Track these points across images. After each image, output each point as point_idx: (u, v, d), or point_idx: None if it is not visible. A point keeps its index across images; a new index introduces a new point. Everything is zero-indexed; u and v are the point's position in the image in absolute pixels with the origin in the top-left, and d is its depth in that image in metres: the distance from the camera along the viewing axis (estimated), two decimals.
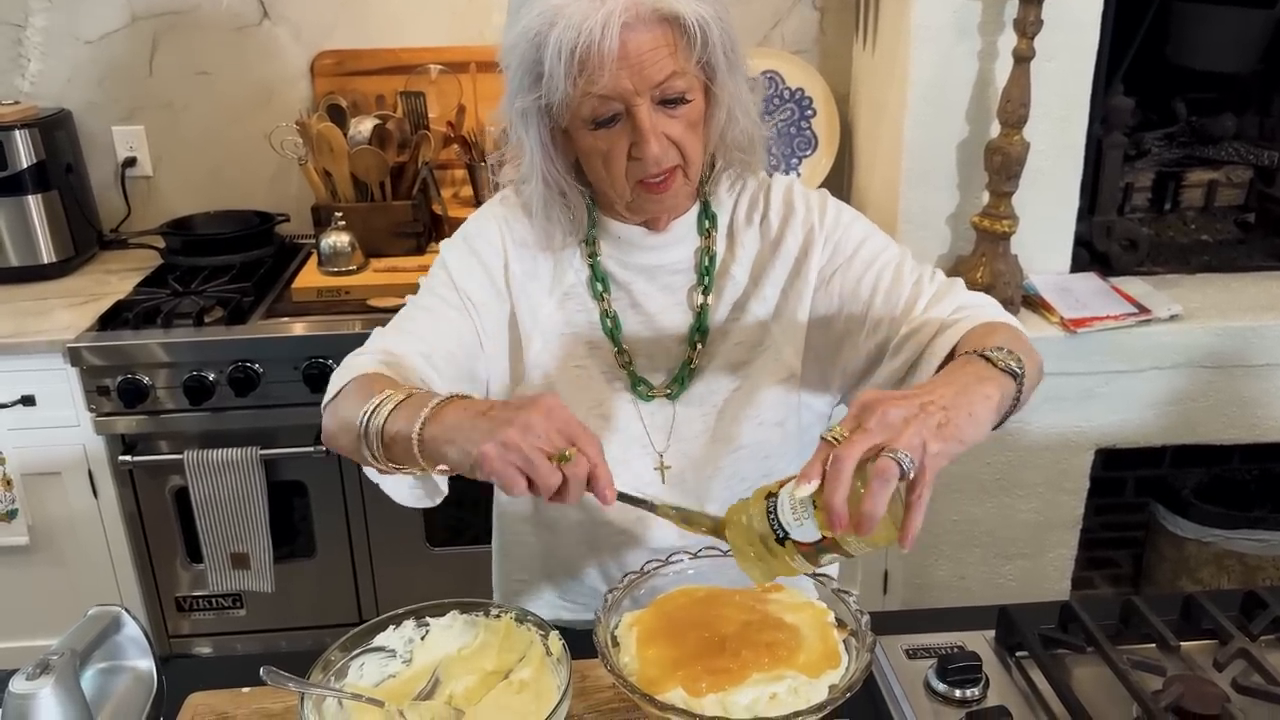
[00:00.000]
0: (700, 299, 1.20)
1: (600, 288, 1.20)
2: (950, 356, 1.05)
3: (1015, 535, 2.28)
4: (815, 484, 0.83)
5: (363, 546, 2.20)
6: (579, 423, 0.89)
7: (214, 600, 2.21)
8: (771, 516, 0.87)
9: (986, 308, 1.14)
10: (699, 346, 1.20)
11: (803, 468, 0.85)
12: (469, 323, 1.18)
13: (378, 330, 1.18)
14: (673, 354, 1.21)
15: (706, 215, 1.21)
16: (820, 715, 0.85)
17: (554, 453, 0.86)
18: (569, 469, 0.86)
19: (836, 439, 0.84)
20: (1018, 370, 0.96)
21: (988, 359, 0.96)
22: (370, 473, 1.06)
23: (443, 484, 1.08)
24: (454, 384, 1.12)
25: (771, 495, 0.88)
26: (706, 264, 1.20)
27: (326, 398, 1.07)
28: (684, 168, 1.09)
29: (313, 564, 2.21)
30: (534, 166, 1.12)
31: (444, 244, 1.24)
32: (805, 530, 0.85)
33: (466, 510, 2.10)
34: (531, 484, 0.86)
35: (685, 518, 0.95)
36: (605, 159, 1.08)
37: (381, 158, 2.25)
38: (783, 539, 0.86)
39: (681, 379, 1.20)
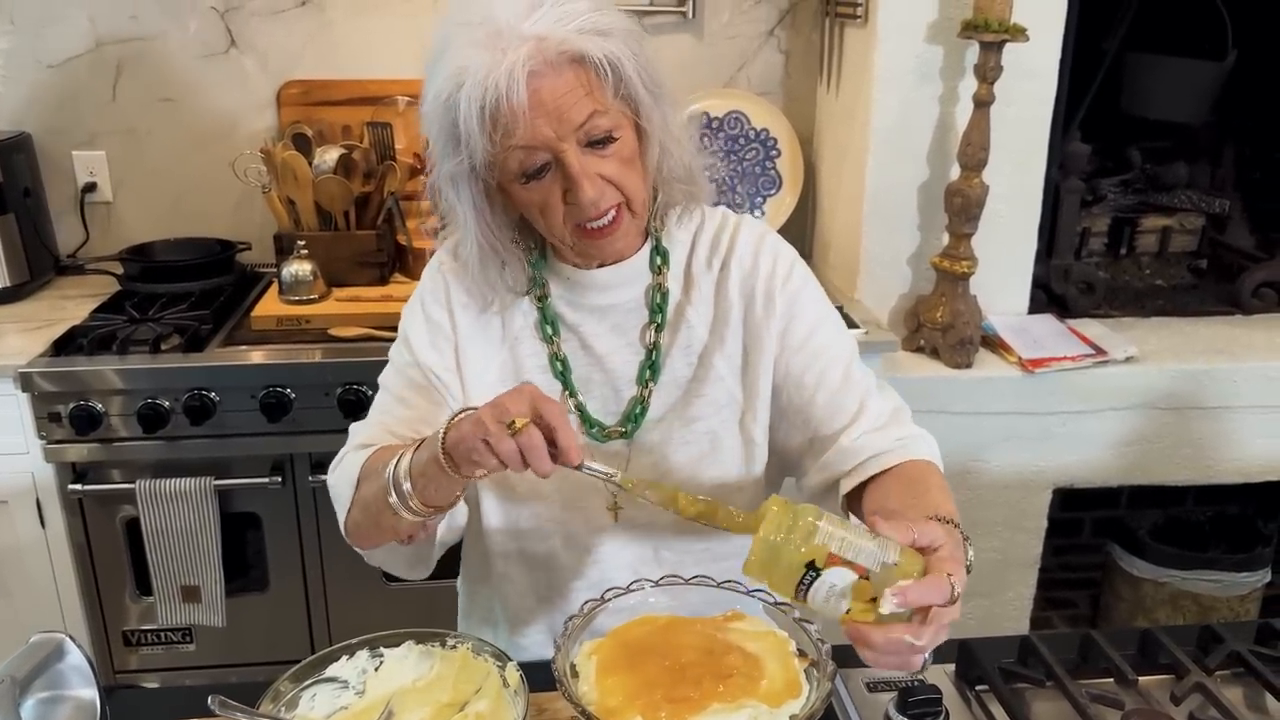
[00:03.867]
0: (652, 336, 1.19)
1: (550, 330, 1.19)
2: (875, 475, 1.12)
3: (974, 574, 2.24)
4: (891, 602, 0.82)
5: (317, 581, 2.16)
6: (544, 396, 0.93)
7: (163, 634, 2.15)
8: (802, 590, 0.85)
9: (921, 441, 1.15)
10: (650, 386, 1.19)
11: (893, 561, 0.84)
12: (438, 397, 1.19)
13: (355, 426, 1.21)
14: (623, 395, 1.20)
15: (658, 252, 1.20)
16: None
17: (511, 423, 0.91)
18: (521, 437, 0.90)
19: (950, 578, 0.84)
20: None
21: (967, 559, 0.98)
22: (372, 554, 1.16)
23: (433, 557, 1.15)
24: None
25: (813, 569, 0.84)
26: (659, 301, 1.19)
27: (342, 512, 1.13)
28: (627, 204, 1.08)
29: (265, 598, 2.16)
30: (469, 231, 1.11)
31: (406, 308, 1.24)
32: (832, 608, 0.85)
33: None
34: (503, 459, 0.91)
35: (666, 497, 0.96)
36: (542, 210, 1.07)
37: (346, 187, 2.24)
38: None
39: (635, 417, 1.19)
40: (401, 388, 1.20)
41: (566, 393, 1.19)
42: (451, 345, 1.19)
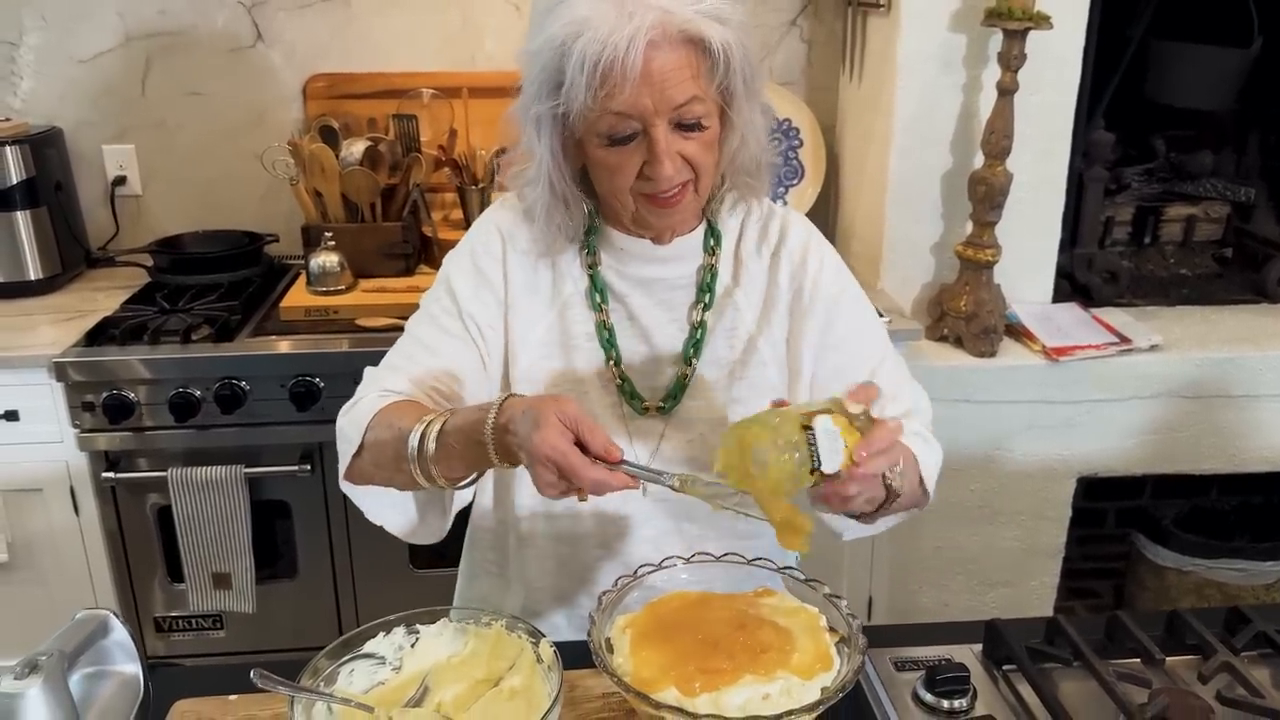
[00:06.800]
0: (699, 315, 1.21)
1: (599, 298, 1.21)
2: None
3: (998, 563, 2.29)
4: (860, 408, 0.96)
5: (345, 568, 2.18)
6: (586, 422, 0.96)
7: (194, 620, 2.18)
8: (813, 446, 0.93)
9: (921, 445, 1.19)
10: (693, 363, 1.21)
11: (855, 391, 0.97)
12: (472, 351, 1.20)
13: (370, 370, 1.21)
14: (665, 371, 1.22)
15: (712, 234, 1.22)
16: (813, 716, 0.85)
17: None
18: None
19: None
20: (897, 491, 1.07)
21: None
22: (362, 499, 1.16)
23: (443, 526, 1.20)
24: None
25: (808, 427, 0.94)
26: (708, 280, 1.21)
27: (346, 456, 1.13)
28: (695, 183, 1.10)
29: (294, 585, 2.19)
30: (541, 172, 1.13)
31: (450, 257, 1.25)
32: (831, 461, 0.94)
33: (450, 532, 2.09)
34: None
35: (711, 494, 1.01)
36: (613, 173, 1.09)
37: (373, 179, 2.26)
38: (814, 469, 0.93)
39: (675, 394, 1.21)
40: (433, 336, 1.20)
41: (611, 361, 1.21)
42: (500, 303, 1.21)
